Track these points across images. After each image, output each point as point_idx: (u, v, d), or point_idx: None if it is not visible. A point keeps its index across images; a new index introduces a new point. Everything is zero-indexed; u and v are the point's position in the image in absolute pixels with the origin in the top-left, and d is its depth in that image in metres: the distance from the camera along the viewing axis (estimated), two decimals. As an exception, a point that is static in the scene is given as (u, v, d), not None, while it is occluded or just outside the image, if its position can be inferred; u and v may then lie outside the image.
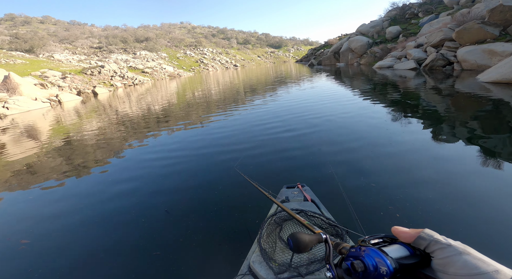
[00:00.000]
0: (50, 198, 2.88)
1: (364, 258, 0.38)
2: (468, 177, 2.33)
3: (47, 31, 51.67)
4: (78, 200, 2.74)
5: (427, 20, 19.81)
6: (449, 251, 0.34)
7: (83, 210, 2.52)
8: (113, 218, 2.32)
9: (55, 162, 4.11)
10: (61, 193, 2.98)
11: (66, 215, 2.46)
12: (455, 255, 0.33)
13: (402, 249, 0.39)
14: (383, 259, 0.36)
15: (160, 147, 4.38)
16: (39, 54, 34.99)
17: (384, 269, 0.35)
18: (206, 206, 2.32)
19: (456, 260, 0.32)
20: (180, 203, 2.41)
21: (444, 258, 0.34)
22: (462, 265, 0.31)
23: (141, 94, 15.52)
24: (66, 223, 2.32)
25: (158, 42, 57.79)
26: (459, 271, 0.31)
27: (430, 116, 4.42)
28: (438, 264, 0.34)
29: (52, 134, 6.54)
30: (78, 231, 2.19)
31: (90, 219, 2.34)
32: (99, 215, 2.40)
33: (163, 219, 2.20)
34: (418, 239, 0.38)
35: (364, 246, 0.40)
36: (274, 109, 6.33)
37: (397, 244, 0.40)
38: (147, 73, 35.75)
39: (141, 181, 3.02)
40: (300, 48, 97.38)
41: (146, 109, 8.92)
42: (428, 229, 0.38)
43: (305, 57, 45.71)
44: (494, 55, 9.29)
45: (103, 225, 2.22)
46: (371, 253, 0.38)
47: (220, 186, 2.67)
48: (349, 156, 3.05)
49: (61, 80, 21.19)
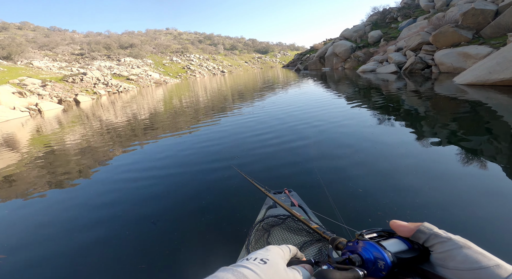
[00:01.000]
0: (29, 211, 2.73)
1: (362, 252, 0.37)
2: (454, 178, 2.40)
3: (26, 38, 49.92)
4: (58, 213, 2.61)
5: (406, 24, 20.66)
6: (449, 245, 0.33)
7: (64, 223, 2.41)
8: (95, 231, 2.22)
9: (35, 174, 3.91)
10: (40, 206, 2.83)
11: (45, 229, 2.33)
12: (455, 249, 0.32)
13: (400, 243, 0.38)
14: (381, 253, 0.35)
15: (144, 157, 4.28)
16: (17, 61, 33.71)
17: (382, 263, 0.34)
18: (193, 216, 2.27)
19: (457, 254, 0.32)
20: (167, 214, 2.35)
21: (444, 252, 0.33)
22: (463, 259, 0.31)
23: (126, 102, 15.20)
24: (44, 238, 2.20)
25: (143, 49, 57.12)
26: (459, 265, 0.31)
27: (411, 119, 4.57)
28: (438, 258, 0.34)
29: (31, 144, 6.25)
30: (57, 245, 2.07)
31: (70, 233, 2.23)
32: (80, 228, 2.29)
33: (148, 231, 2.13)
34: (417, 232, 0.37)
35: (362, 240, 0.39)
36: (261, 116, 6.32)
37: (395, 238, 0.39)
38: (132, 80, 35.12)
39: (124, 193, 2.92)
40: (287, 53, 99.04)
41: (131, 118, 8.72)
42: (427, 222, 0.38)
43: (291, 62, 46.48)
44: (469, 57, 9.78)
45: (84, 239, 2.12)
46: (369, 247, 0.37)
47: (208, 196, 2.62)
48: (334, 161, 3.07)
49: (41, 88, 20.44)
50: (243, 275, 0.32)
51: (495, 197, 2.02)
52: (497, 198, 2.01)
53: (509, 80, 6.04)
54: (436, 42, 12.09)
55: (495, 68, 6.43)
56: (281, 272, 0.37)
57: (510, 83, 6.08)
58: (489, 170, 2.47)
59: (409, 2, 26.63)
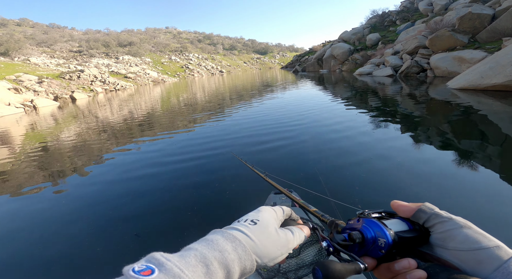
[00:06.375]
0: (10, 214, 2.71)
1: (362, 229, 0.37)
2: (453, 181, 2.44)
3: (24, 34, 49.53)
4: (35, 221, 2.52)
5: (404, 27, 20.78)
6: (449, 224, 0.32)
7: (44, 235, 2.29)
8: (75, 241, 2.16)
9: (25, 172, 3.89)
10: (18, 213, 2.80)
11: (21, 238, 2.30)
12: (455, 229, 0.31)
13: (401, 223, 0.37)
14: (383, 230, 0.34)
15: (139, 157, 4.28)
16: (15, 57, 33.44)
17: (383, 240, 0.34)
18: (191, 213, 2.26)
19: (457, 234, 0.31)
20: (151, 225, 2.18)
21: (444, 232, 0.32)
22: (463, 239, 0.30)
23: (123, 100, 15.14)
24: (20, 245, 2.18)
25: (142, 47, 56.90)
26: (459, 246, 0.30)
27: (407, 122, 4.64)
28: (437, 238, 0.33)
29: (24, 140, 6.21)
30: (32, 253, 2.04)
31: (50, 244, 2.08)
32: (77, 223, 2.29)
33: (146, 228, 2.12)
34: (418, 212, 0.36)
35: (363, 218, 0.39)
36: (259, 118, 6.29)
37: (396, 219, 0.39)
38: (130, 79, 34.99)
39: (104, 200, 2.81)
40: (286, 54, 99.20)
41: (127, 116, 8.69)
42: (428, 203, 0.37)
43: (290, 63, 46.55)
44: (464, 62, 9.86)
45: (60, 248, 2.06)
46: (370, 225, 0.37)
47: (207, 193, 2.63)
48: (335, 161, 3.11)
49: (37, 85, 20.31)
50: (233, 236, 0.32)
51: (486, 198, 2.09)
52: (491, 198, 2.06)
53: (500, 85, 6.10)
54: (433, 46, 12.18)
55: (488, 73, 6.50)
56: (272, 232, 0.37)
57: (502, 88, 6.15)
58: (478, 171, 2.55)
59: (408, 5, 26.78)
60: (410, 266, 0.33)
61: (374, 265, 0.36)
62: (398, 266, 0.33)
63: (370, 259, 0.36)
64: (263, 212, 0.40)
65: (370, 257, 0.36)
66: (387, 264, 0.35)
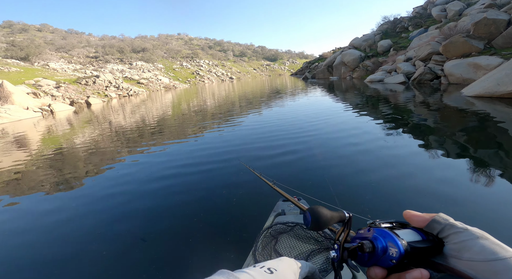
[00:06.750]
0: (17, 214, 2.81)
1: (373, 238, 0.36)
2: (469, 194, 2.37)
3: (44, 39, 51.94)
4: (42, 222, 2.63)
5: (417, 33, 20.43)
6: (465, 235, 0.31)
7: (50, 236, 2.37)
8: (103, 231, 2.26)
9: (39, 174, 4.03)
10: (26, 215, 2.91)
11: (27, 239, 2.39)
12: (471, 240, 0.31)
13: (414, 234, 0.36)
14: (394, 240, 0.34)
15: (150, 162, 4.35)
16: (34, 62, 34.97)
17: (394, 250, 0.33)
18: (198, 221, 2.27)
19: (473, 245, 0.30)
20: (157, 231, 2.19)
21: (459, 242, 0.31)
22: (479, 250, 0.29)
23: (135, 106, 15.52)
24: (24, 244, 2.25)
25: (154, 53, 58.45)
26: (475, 257, 0.29)
27: (418, 131, 4.55)
28: (452, 249, 0.32)
29: (41, 144, 6.45)
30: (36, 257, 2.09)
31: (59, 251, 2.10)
32: (94, 227, 2.34)
33: (153, 236, 2.12)
34: (431, 222, 0.35)
35: (373, 228, 0.38)
36: (268, 126, 6.28)
37: (409, 229, 0.38)
38: (142, 84, 35.90)
39: (111, 205, 2.92)
40: (296, 61, 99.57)
41: (140, 121, 8.89)
42: (443, 213, 0.36)
43: (299, 70, 46.64)
44: (479, 68, 9.60)
45: (91, 240, 2.16)
46: (381, 234, 0.36)
47: (214, 201, 2.65)
48: (346, 169, 3.07)
49: (55, 89, 21.12)
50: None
51: (504, 208, 2.03)
52: (510, 209, 1.99)
53: (518, 92, 5.92)
54: (447, 52, 11.94)
55: (504, 79, 6.31)
56: None
57: (520, 95, 5.96)
58: (496, 182, 2.47)
59: (420, 11, 26.45)
60: (422, 277, 0.32)
61: (384, 275, 0.35)
62: (410, 276, 0.32)
63: (380, 269, 0.35)
64: (283, 262, 0.37)
65: (380, 267, 0.35)
66: (398, 274, 0.34)
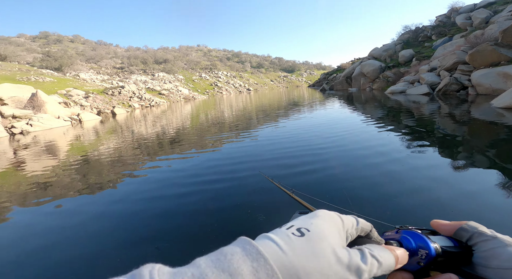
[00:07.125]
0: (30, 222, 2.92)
1: (402, 239, 0.34)
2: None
3: (76, 50, 55.78)
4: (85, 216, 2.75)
5: (441, 42, 19.82)
6: (494, 243, 0.31)
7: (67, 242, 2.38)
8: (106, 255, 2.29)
9: (64, 182, 4.22)
10: (38, 224, 3.02)
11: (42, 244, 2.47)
12: (500, 247, 0.30)
13: (445, 239, 0.35)
14: (426, 241, 0.32)
15: (169, 173, 4.44)
16: (66, 72, 37.45)
17: (424, 252, 0.32)
18: (214, 230, 2.28)
19: (502, 252, 0.30)
20: (172, 239, 2.27)
21: (487, 250, 0.31)
22: (508, 257, 0.29)
23: (156, 116, 16.08)
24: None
25: (175, 64, 60.80)
26: (503, 264, 0.29)
27: (446, 143, 4.36)
28: (480, 257, 0.32)
29: (70, 151, 6.79)
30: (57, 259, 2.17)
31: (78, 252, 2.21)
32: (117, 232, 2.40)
33: (151, 255, 2.12)
34: (459, 230, 0.35)
35: (402, 230, 0.36)
36: (285, 139, 6.28)
37: (439, 235, 0.36)
38: (163, 95, 37.25)
39: (129, 213, 2.95)
40: (313, 72, 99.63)
41: (160, 132, 9.18)
42: (474, 221, 0.35)
43: (317, 81, 46.58)
44: (509, 78, 9.06)
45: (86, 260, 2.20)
46: (411, 235, 0.34)
47: (231, 210, 2.65)
48: (364, 181, 3.03)
49: (84, 99, 22.38)
50: (257, 252, 0.22)
51: None
52: None
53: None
54: (473, 61, 11.40)
55: (542, 101, 5.93)
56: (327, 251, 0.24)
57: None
58: None
59: (444, 20, 25.78)
60: None
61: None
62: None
63: (406, 273, 0.33)
64: (320, 218, 0.28)
65: (405, 271, 0.33)
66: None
